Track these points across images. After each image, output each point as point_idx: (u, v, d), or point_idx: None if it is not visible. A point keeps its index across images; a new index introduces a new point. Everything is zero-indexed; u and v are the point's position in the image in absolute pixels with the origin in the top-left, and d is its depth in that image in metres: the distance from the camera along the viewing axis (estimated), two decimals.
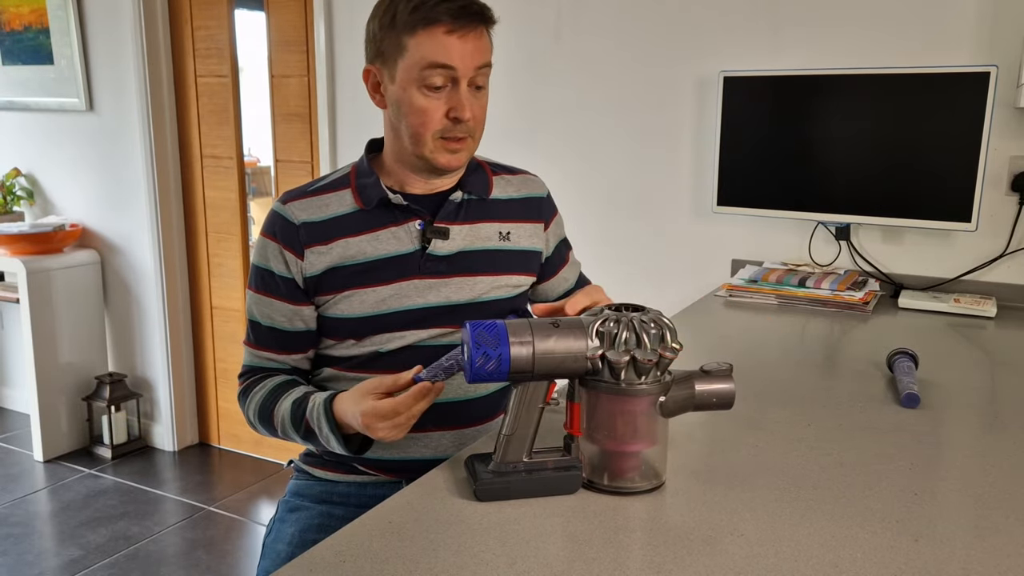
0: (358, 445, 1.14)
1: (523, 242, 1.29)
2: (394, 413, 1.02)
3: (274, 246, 1.20)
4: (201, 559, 2.52)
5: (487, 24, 1.15)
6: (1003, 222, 1.94)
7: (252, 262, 1.25)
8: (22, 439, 3.42)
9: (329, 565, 0.79)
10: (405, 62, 1.12)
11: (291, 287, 1.20)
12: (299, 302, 1.21)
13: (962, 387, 1.33)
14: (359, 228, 1.20)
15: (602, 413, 0.92)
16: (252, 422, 1.24)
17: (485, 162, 1.32)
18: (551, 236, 1.35)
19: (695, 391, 0.93)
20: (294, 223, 1.19)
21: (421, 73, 1.11)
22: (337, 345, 1.23)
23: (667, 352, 0.90)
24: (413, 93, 1.13)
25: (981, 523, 0.87)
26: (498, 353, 0.89)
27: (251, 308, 1.25)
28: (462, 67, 1.11)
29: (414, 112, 1.14)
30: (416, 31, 1.10)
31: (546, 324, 0.91)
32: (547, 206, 1.35)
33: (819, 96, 1.94)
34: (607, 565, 0.78)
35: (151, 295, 3.27)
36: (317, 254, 1.18)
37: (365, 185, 1.22)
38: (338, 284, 1.19)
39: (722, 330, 1.72)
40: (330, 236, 1.19)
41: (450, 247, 1.21)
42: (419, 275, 1.20)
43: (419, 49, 1.11)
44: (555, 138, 2.43)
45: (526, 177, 1.34)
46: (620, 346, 0.89)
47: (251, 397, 1.23)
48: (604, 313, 0.93)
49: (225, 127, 3.11)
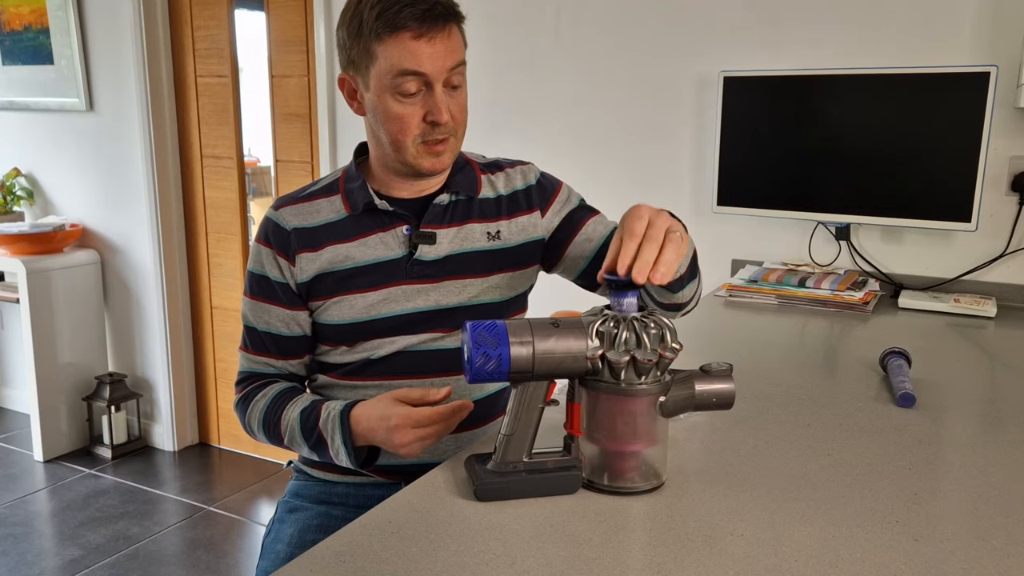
0: (364, 458, 1.13)
1: (516, 237, 1.25)
2: (429, 422, 1.02)
3: (268, 251, 1.21)
4: (201, 559, 2.52)
5: (456, 21, 1.12)
6: (1003, 222, 1.94)
7: (248, 268, 1.25)
8: (22, 439, 3.42)
9: (329, 565, 0.79)
10: (376, 69, 1.11)
11: (287, 292, 1.20)
12: (295, 307, 1.21)
13: (962, 387, 1.33)
14: (348, 234, 1.19)
15: (602, 413, 0.92)
16: (252, 430, 1.22)
17: (473, 159, 1.29)
18: (553, 215, 1.28)
19: (695, 391, 0.93)
20: (286, 229, 1.20)
21: (393, 81, 1.10)
22: (331, 352, 1.23)
23: (667, 352, 0.90)
24: (388, 101, 1.11)
25: (981, 523, 0.87)
26: (498, 353, 0.89)
27: (247, 314, 1.25)
28: (433, 71, 1.09)
29: (391, 119, 1.12)
30: (383, 38, 1.08)
31: (546, 324, 0.91)
32: (539, 191, 1.28)
33: (819, 96, 1.94)
34: (607, 565, 0.78)
35: (151, 295, 3.27)
36: (307, 260, 1.19)
37: (352, 190, 1.21)
38: (327, 290, 1.19)
39: (722, 330, 1.72)
40: (320, 242, 1.19)
41: (438, 251, 1.20)
42: (407, 280, 1.19)
43: (388, 57, 1.09)
44: (554, 138, 2.43)
45: (515, 169, 1.30)
46: (620, 346, 0.89)
47: (252, 405, 1.21)
48: (604, 313, 0.93)
49: (225, 127, 3.11)
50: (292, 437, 1.16)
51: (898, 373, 1.29)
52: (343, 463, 1.13)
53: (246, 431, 1.25)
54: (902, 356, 1.35)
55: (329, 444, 1.12)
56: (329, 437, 1.11)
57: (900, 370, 1.30)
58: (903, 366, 1.32)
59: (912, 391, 1.22)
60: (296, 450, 1.19)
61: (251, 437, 1.24)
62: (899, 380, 1.26)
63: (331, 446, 1.12)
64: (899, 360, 1.34)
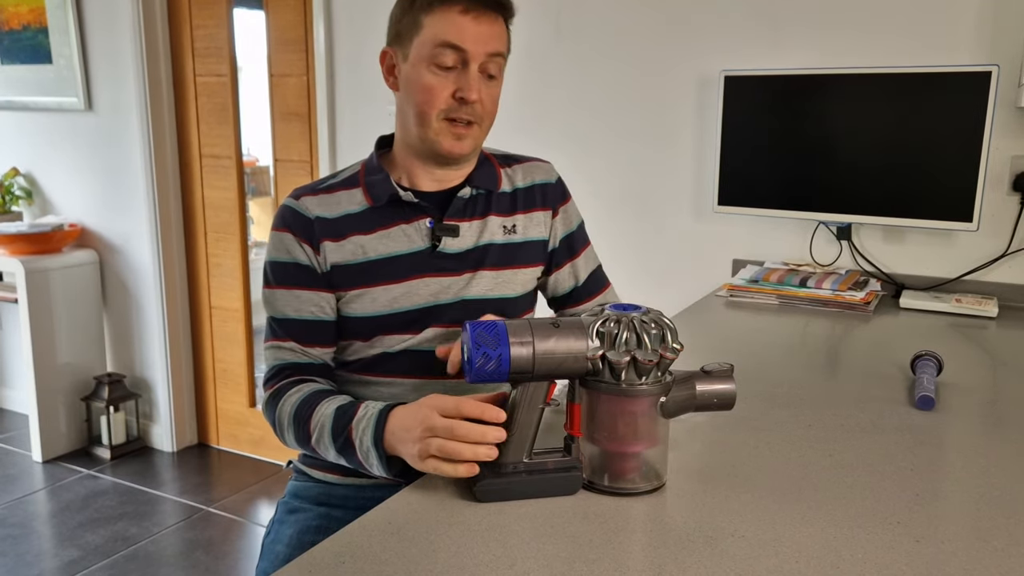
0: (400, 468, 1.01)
1: (530, 232, 1.27)
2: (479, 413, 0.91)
3: (291, 237, 1.18)
4: (200, 560, 2.51)
5: (505, 14, 1.15)
6: (1004, 222, 1.94)
7: (269, 260, 1.20)
8: (21, 440, 3.42)
9: (328, 566, 0.78)
10: (419, 39, 1.13)
11: (315, 276, 1.18)
12: (325, 289, 1.19)
13: (963, 387, 1.32)
14: (370, 226, 1.19)
15: (603, 414, 0.92)
16: (282, 427, 1.14)
17: (493, 155, 1.30)
18: (559, 225, 1.31)
19: (696, 392, 0.93)
20: (308, 217, 1.18)
21: (432, 51, 1.12)
22: (347, 347, 1.22)
23: (668, 352, 0.89)
24: (422, 71, 1.13)
25: (983, 524, 0.87)
26: (498, 353, 0.88)
27: (274, 305, 1.20)
28: (473, 49, 1.12)
29: (421, 89, 1.13)
30: (433, 8, 1.11)
31: (547, 324, 0.91)
32: (555, 192, 1.31)
33: (820, 96, 1.94)
34: (607, 566, 0.78)
35: (150, 295, 3.26)
36: (331, 249, 1.18)
37: (374, 182, 1.21)
38: (350, 281, 1.18)
39: (723, 330, 1.72)
40: (342, 233, 1.18)
41: (460, 244, 1.21)
42: (430, 272, 1.20)
43: (433, 27, 1.11)
44: (555, 137, 2.43)
45: (533, 164, 1.32)
46: (621, 347, 0.89)
47: (284, 399, 1.14)
48: (604, 313, 0.92)
49: (224, 126, 3.10)
50: (321, 435, 1.08)
51: (925, 375, 1.29)
52: (374, 470, 1.03)
53: (275, 432, 1.16)
54: (935, 360, 1.35)
55: (357, 446, 1.02)
56: (358, 437, 1.02)
57: (927, 372, 1.30)
58: (932, 369, 1.32)
59: (933, 395, 1.21)
60: (323, 453, 1.10)
61: (279, 439, 1.17)
62: (925, 383, 1.26)
63: (359, 448, 1.02)
64: (931, 363, 1.33)
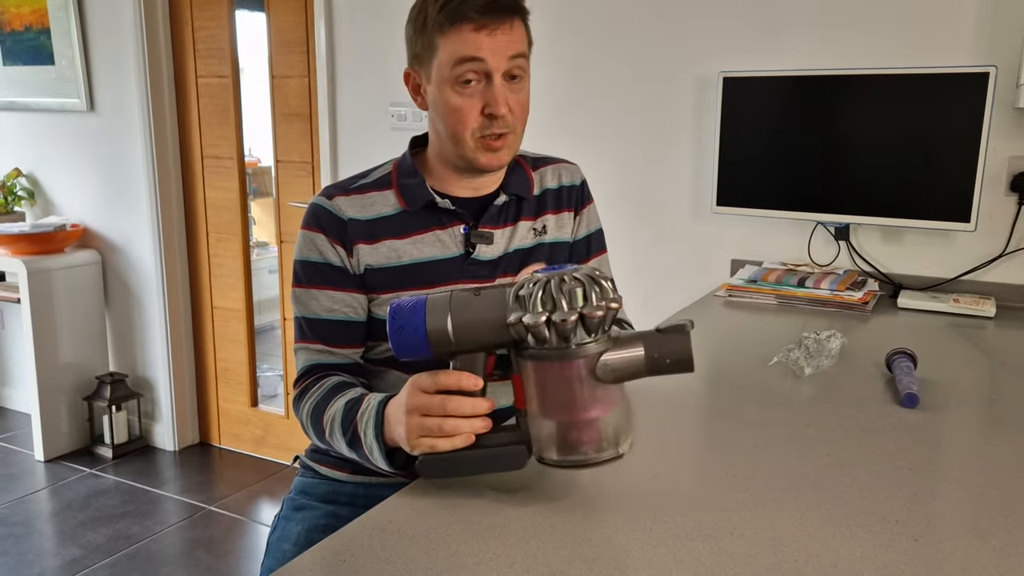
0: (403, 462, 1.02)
1: (555, 233, 1.27)
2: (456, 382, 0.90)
3: (323, 238, 1.17)
4: (202, 559, 2.52)
5: (519, 15, 1.13)
6: (1002, 222, 1.94)
7: (300, 259, 1.19)
8: (23, 439, 3.42)
9: (329, 565, 0.79)
10: (437, 61, 1.11)
11: (348, 277, 1.17)
12: (358, 290, 1.18)
13: (961, 387, 1.33)
14: (403, 230, 1.18)
15: (540, 382, 0.86)
16: (305, 426, 1.14)
17: (523, 157, 1.29)
18: (580, 225, 1.31)
19: (643, 352, 0.85)
20: (342, 218, 1.17)
21: (452, 71, 1.10)
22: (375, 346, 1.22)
23: (595, 311, 0.82)
24: (447, 92, 1.11)
25: (981, 523, 0.87)
26: (413, 326, 0.87)
27: (307, 305, 1.18)
28: (492, 60, 1.09)
29: (450, 112, 1.12)
30: (445, 30, 1.09)
31: (466, 295, 0.89)
32: (579, 194, 1.32)
33: (819, 96, 1.94)
34: (607, 565, 0.78)
35: (152, 295, 3.27)
36: (365, 252, 1.17)
37: (410, 186, 1.20)
38: (382, 285, 1.17)
39: (721, 330, 1.72)
40: (376, 236, 1.17)
41: (494, 251, 1.21)
42: (463, 279, 1.19)
43: (448, 48, 1.10)
44: (554, 138, 2.43)
45: (561, 166, 1.32)
46: (535, 309, 0.83)
47: (308, 397, 1.14)
48: (524, 278, 0.87)
49: (226, 127, 3.11)
50: (332, 429, 1.07)
51: (905, 374, 1.29)
52: (379, 464, 1.02)
53: (304, 432, 1.15)
54: (909, 357, 1.35)
55: (363, 438, 1.02)
56: (363, 431, 1.02)
57: (907, 371, 1.31)
58: (910, 367, 1.33)
59: (917, 392, 1.22)
60: (336, 448, 1.09)
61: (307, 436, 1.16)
62: (906, 381, 1.26)
63: (364, 441, 1.02)
64: (906, 361, 1.34)
